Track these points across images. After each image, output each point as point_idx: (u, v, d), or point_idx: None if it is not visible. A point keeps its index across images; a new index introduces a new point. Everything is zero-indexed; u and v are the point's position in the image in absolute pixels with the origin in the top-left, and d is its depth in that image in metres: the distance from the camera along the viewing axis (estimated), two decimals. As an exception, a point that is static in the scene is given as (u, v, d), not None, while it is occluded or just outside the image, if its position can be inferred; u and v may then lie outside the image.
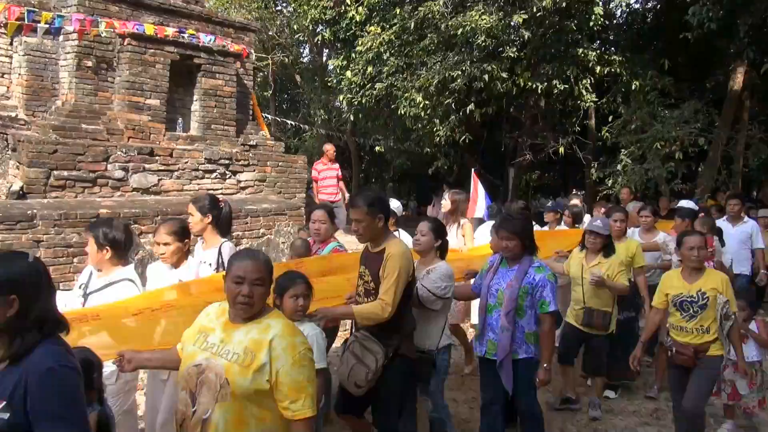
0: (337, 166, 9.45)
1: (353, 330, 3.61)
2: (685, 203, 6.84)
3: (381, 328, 3.17)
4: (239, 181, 8.55)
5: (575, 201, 7.04)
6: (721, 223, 6.75)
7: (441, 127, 11.54)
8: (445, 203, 5.47)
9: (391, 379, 3.19)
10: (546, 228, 6.38)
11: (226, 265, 3.57)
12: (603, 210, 7.12)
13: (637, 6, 14.65)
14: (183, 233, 3.51)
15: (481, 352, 3.68)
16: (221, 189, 8.30)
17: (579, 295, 4.73)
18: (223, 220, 3.91)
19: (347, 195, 9.38)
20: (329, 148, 9.52)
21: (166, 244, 3.45)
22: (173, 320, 2.98)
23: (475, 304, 4.44)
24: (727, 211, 7.06)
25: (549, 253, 5.22)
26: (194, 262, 3.65)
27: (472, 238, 5.35)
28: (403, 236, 4.76)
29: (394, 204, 4.99)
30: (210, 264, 3.68)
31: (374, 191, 3.61)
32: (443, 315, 3.69)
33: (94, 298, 3.13)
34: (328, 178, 9.36)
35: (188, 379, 2.18)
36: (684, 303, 3.83)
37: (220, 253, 3.72)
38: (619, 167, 11.28)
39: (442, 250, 3.76)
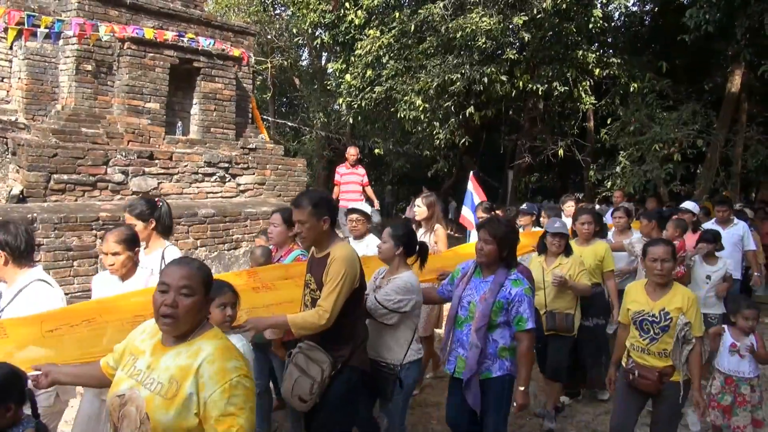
0: (362, 171, 9.00)
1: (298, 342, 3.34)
2: (688, 204, 6.72)
3: (329, 337, 2.92)
4: (239, 185, 8.56)
5: (570, 203, 6.99)
6: (712, 225, 6.66)
7: (440, 130, 11.57)
8: (420, 210, 5.06)
9: (336, 390, 2.93)
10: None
11: None
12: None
13: (635, 9, 14.72)
14: (133, 241, 3.25)
15: (450, 369, 3.36)
16: (221, 192, 8.32)
17: (541, 300, 4.45)
18: (163, 221, 3.68)
19: (376, 201, 9.09)
20: (352, 151, 9.01)
21: (115, 254, 3.16)
22: (99, 333, 2.74)
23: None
24: (716, 216, 6.93)
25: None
26: (144, 272, 3.32)
27: (445, 244, 5.07)
28: (374, 241, 4.53)
29: (367, 209, 4.85)
30: (152, 270, 3.39)
31: (320, 191, 3.20)
32: (407, 328, 3.36)
33: (9, 311, 2.81)
34: (350, 183, 8.91)
35: (112, 412, 1.91)
36: (644, 322, 3.41)
37: (163, 258, 3.50)
38: (617, 169, 11.32)
39: (422, 257, 3.50)
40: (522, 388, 3.19)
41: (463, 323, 3.28)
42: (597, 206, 10.38)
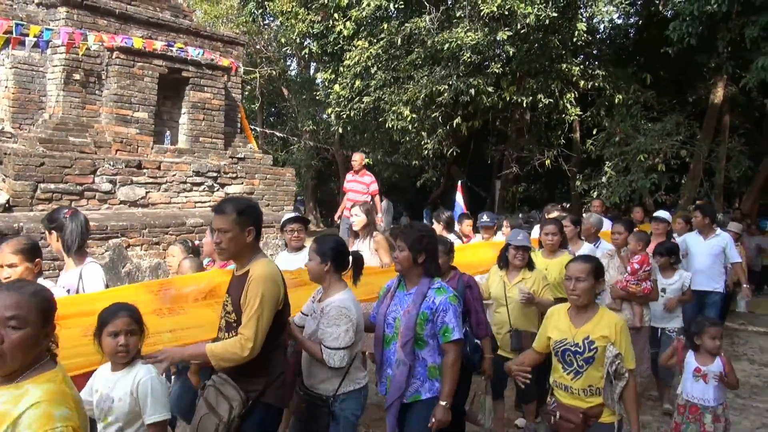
0: (368, 179, 8.29)
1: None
2: (662, 213, 6.44)
3: (241, 369, 2.59)
4: (227, 194, 8.55)
5: (555, 214, 7.00)
6: (693, 236, 6.42)
7: (428, 140, 11.66)
8: (359, 219, 4.77)
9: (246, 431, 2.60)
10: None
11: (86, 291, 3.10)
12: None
13: (619, 21, 14.96)
14: (32, 252, 2.93)
15: (382, 392, 3.10)
16: (209, 202, 8.30)
17: (503, 317, 4.19)
18: (71, 235, 3.21)
19: (381, 210, 8.44)
20: (356, 158, 8.46)
21: (11, 265, 2.85)
22: None
23: None
24: (694, 224, 6.60)
25: (475, 269, 4.77)
26: (59, 292, 3.01)
27: (387, 250, 4.73)
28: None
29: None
30: (68, 291, 3.11)
31: (247, 198, 2.85)
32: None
33: None
34: (353, 192, 8.32)
35: None
36: (567, 353, 2.93)
37: (80, 278, 3.18)
38: (603, 179, 11.45)
39: (356, 269, 3.21)
40: (443, 404, 2.88)
41: (390, 341, 3.03)
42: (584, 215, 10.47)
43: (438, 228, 5.55)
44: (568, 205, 13.84)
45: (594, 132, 12.56)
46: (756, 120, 15.06)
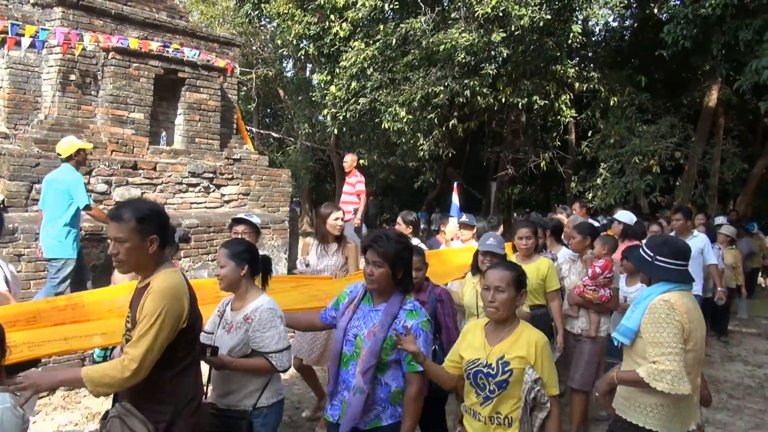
0: (354, 179, 8.20)
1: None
2: (622, 214, 6.18)
3: (145, 395, 2.30)
4: (223, 195, 8.54)
5: (562, 215, 6.96)
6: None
7: (425, 142, 11.69)
8: (340, 225, 4.51)
9: None
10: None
11: None
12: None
13: (614, 24, 15.04)
14: None
15: (333, 416, 2.72)
16: (205, 203, 8.29)
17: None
18: None
19: (360, 211, 8.16)
20: (347, 159, 8.38)
21: None
22: None
23: None
24: (672, 226, 6.43)
25: (449, 275, 4.55)
26: None
27: (356, 259, 4.46)
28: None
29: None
30: None
31: (151, 202, 2.54)
32: None
33: None
34: (343, 193, 8.37)
35: None
36: (479, 375, 2.56)
37: None
38: (598, 181, 11.51)
39: (265, 273, 2.98)
40: None
41: (348, 361, 2.69)
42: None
43: (402, 230, 5.15)
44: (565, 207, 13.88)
45: (589, 134, 12.63)
46: (750, 122, 15.17)
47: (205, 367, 2.66)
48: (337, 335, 2.78)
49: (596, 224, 6.45)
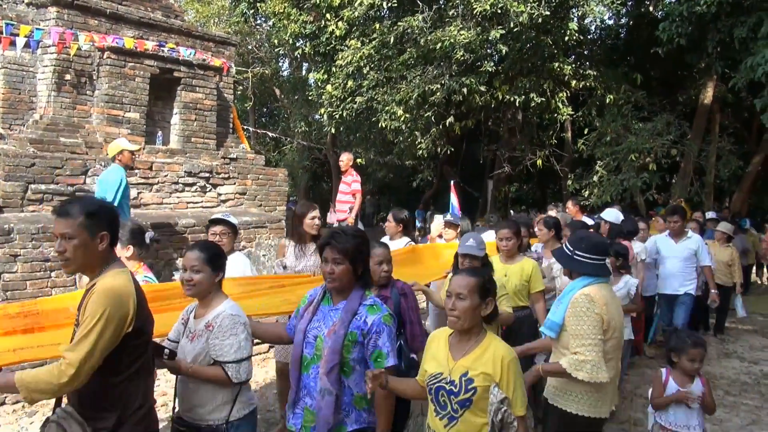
0: (350, 179, 8.14)
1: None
2: (608, 213, 6.11)
3: (88, 401, 2.17)
4: (219, 194, 8.53)
5: (554, 212, 7.01)
6: (664, 239, 6.23)
7: (422, 140, 11.69)
8: (318, 223, 4.42)
9: None
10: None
11: None
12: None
13: (610, 22, 15.06)
14: None
15: (296, 425, 2.59)
16: (201, 202, 8.28)
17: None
18: None
19: (354, 210, 8.06)
20: (343, 158, 8.29)
21: None
22: None
23: None
24: (667, 227, 6.42)
25: (431, 275, 4.39)
26: None
27: None
28: (240, 260, 3.91)
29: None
30: None
31: (99, 199, 2.41)
32: None
33: None
34: (339, 192, 8.29)
35: None
36: (441, 392, 2.38)
37: None
38: (595, 178, 11.53)
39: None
40: None
41: (309, 365, 2.57)
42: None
43: (392, 228, 5.05)
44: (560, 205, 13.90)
45: (585, 132, 12.65)
46: (745, 120, 15.22)
47: (171, 378, 2.60)
48: (297, 339, 2.64)
49: (590, 222, 6.46)
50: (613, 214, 6.20)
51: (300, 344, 2.61)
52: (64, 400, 2.31)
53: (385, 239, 4.97)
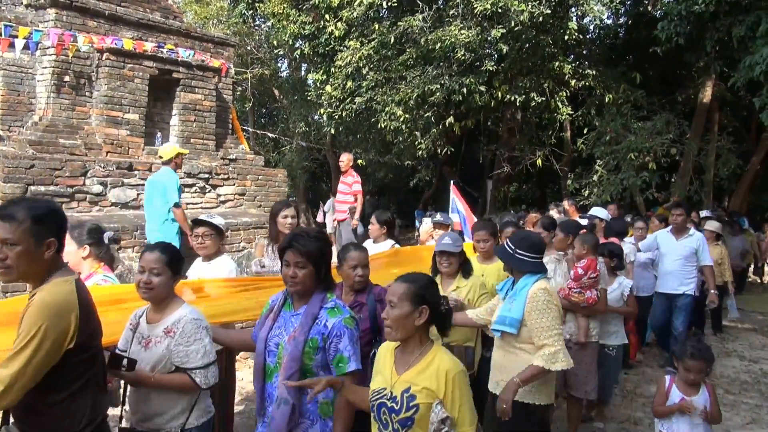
0: (350, 179, 8.09)
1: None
2: (598, 211, 5.98)
3: (32, 421, 2.06)
4: (219, 195, 8.53)
5: (553, 211, 7.00)
6: (665, 235, 6.08)
7: (422, 140, 11.69)
8: (294, 221, 4.27)
9: None
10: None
11: None
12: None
13: (609, 21, 15.07)
14: None
15: None
16: (201, 203, 8.28)
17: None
18: None
19: (357, 212, 8.01)
20: (343, 158, 8.23)
21: None
22: None
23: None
24: (670, 221, 6.21)
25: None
26: None
27: None
28: (225, 263, 3.81)
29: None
30: None
31: (47, 201, 2.25)
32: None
33: None
34: (339, 193, 8.25)
35: None
36: (382, 408, 2.20)
37: None
38: (594, 178, 11.53)
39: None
40: None
41: (272, 373, 2.48)
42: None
43: (376, 231, 4.88)
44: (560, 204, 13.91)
45: (585, 131, 12.65)
46: (744, 118, 15.23)
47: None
48: (258, 347, 2.53)
49: (584, 222, 6.42)
50: (603, 212, 6.13)
51: (262, 353, 2.51)
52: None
53: (368, 242, 4.92)
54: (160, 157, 6.49)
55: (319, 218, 16.85)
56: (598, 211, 6.06)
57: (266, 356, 2.50)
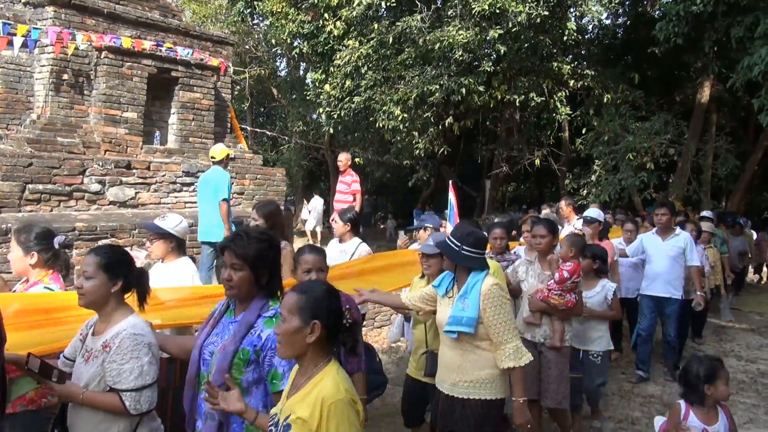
0: (349, 179, 8.04)
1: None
2: (594, 212, 5.82)
3: None
4: (218, 194, 8.52)
5: (546, 211, 6.95)
6: (650, 236, 5.87)
7: (420, 140, 11.70)
8: (257, 223, 4.05)
9: None
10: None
11: None
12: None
13: (607, 22, 15.09)
14: None
15: None
16: (199, 202, 8.27)
17: (421, 335, 3.59)
18: None
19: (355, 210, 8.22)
20: (341, 158, 8.20)
21: None
22: None
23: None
24: (654, 222, 5.96)
25: (398, 282, 4.10)
26: None
27: (291, 264, 3.79)
28: (184, 265, 3.65)
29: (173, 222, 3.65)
30: None
31: None
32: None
33: None
34: (338, 192, 8.19)
35: None
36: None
37: None
38: (593, 178, 11.56)
39: (141, 289, 2.42)
40: None
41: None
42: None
43: (340, 229, 4.66)
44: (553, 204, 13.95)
45: (583, 131, 12.67)
46: (742, 119, 15.27)
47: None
48: (193, 355, 2.32)
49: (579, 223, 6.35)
50: (598, 213, 5.84)
51: (195, 362, 2.30)
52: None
53: (333, 241, 4.77)
54: (212, 158, 6.78)
55: (303, 215, 16.90)
56: (592, 212, 5.81)
57: (200, 365, 2.28)
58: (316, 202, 16.63)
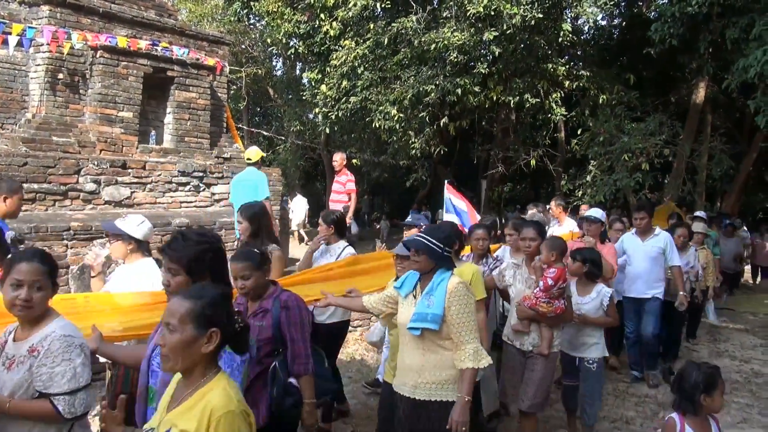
0: (344, 178, 8.04)
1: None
2: (594, 211, 5.79)
3: None
4: (213, 194, 8.51)
5: (533, 211, 6.89)
6: (630, 237, 5.86)
7: (416, 140, 11.71)
8: (242, 225, 3.93)
9: None
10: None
11: None
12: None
13: (603, 23, 15.14)
14: None
15: None
16: (195, 202, 8.26)
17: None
18: None
19: (351, 210, 7.87)
20: (336, 158, 8.20)
21: None
22: None
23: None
24: (633, 225, 5.95)
25: (376, 284, 3.95)
26: None
27: (279, 269, 3.89)
28: (149, 267, 3.53)
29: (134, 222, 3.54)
30: None
31: None
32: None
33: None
34: (333, 192, 8.22)
35: None
36: None
37: None
38: (588, 178, 11.59)
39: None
40: None
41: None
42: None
43: (323, 231, 4.57)
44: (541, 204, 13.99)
45: (579, 132, 12.71)
46: (737, 120, 15.34)
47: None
48: (142, 366, 2.22)
49: (574, 224, 6.35)
50: (599, 213, 5.78)
51: (144, 373, 2.20)
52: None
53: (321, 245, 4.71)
54: (248, 159, 7.05)
55: (291, 215, 16.81)
56: (594, 212, 5.73)
57: (149, 377, 2.18)
58: (299, 202, 16.31)
